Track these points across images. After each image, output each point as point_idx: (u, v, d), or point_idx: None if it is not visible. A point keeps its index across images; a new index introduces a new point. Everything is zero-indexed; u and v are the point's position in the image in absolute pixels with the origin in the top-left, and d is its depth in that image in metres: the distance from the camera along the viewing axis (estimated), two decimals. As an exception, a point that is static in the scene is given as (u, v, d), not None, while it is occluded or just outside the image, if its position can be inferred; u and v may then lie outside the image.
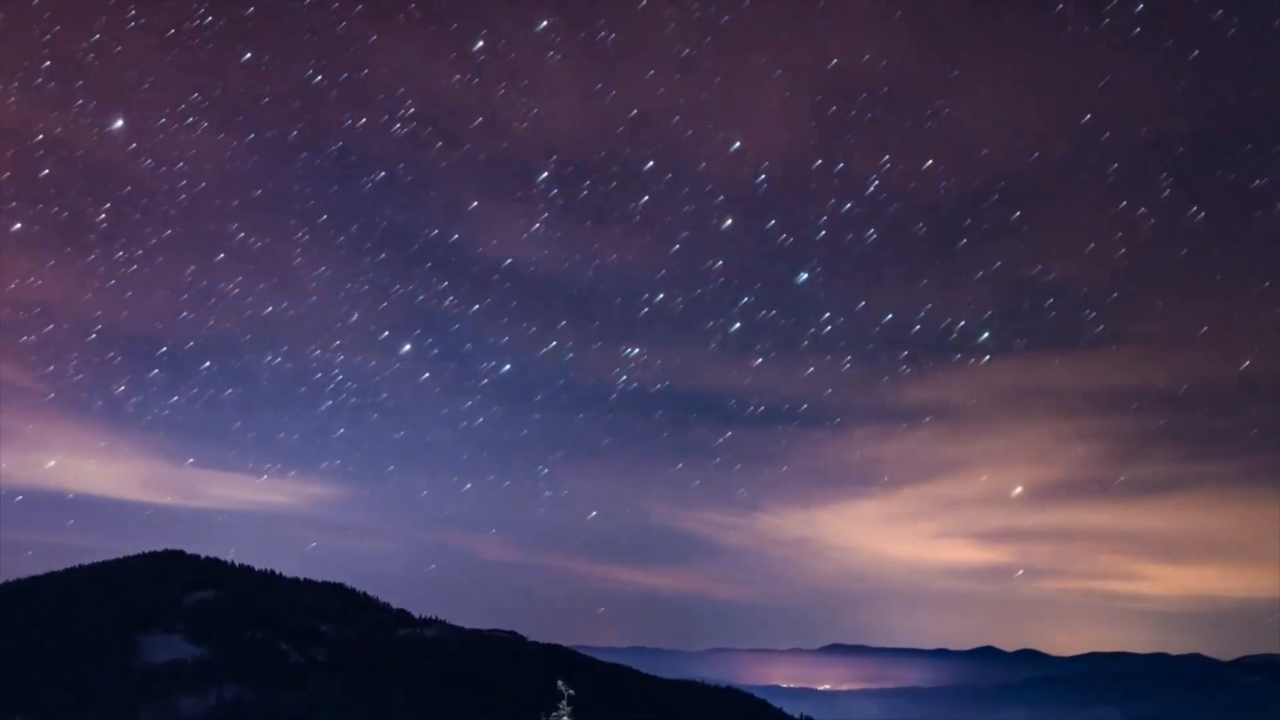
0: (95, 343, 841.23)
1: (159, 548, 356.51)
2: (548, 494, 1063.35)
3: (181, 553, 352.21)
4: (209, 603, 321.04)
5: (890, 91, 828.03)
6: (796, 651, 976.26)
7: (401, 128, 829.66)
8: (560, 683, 54.74)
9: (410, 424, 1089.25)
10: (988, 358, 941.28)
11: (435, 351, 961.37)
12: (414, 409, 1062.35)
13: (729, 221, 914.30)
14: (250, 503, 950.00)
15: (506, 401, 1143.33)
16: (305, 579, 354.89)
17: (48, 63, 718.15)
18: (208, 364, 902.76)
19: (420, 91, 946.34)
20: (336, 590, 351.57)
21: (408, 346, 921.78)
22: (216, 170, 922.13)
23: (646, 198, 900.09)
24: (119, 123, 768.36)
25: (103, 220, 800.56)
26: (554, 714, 54.54)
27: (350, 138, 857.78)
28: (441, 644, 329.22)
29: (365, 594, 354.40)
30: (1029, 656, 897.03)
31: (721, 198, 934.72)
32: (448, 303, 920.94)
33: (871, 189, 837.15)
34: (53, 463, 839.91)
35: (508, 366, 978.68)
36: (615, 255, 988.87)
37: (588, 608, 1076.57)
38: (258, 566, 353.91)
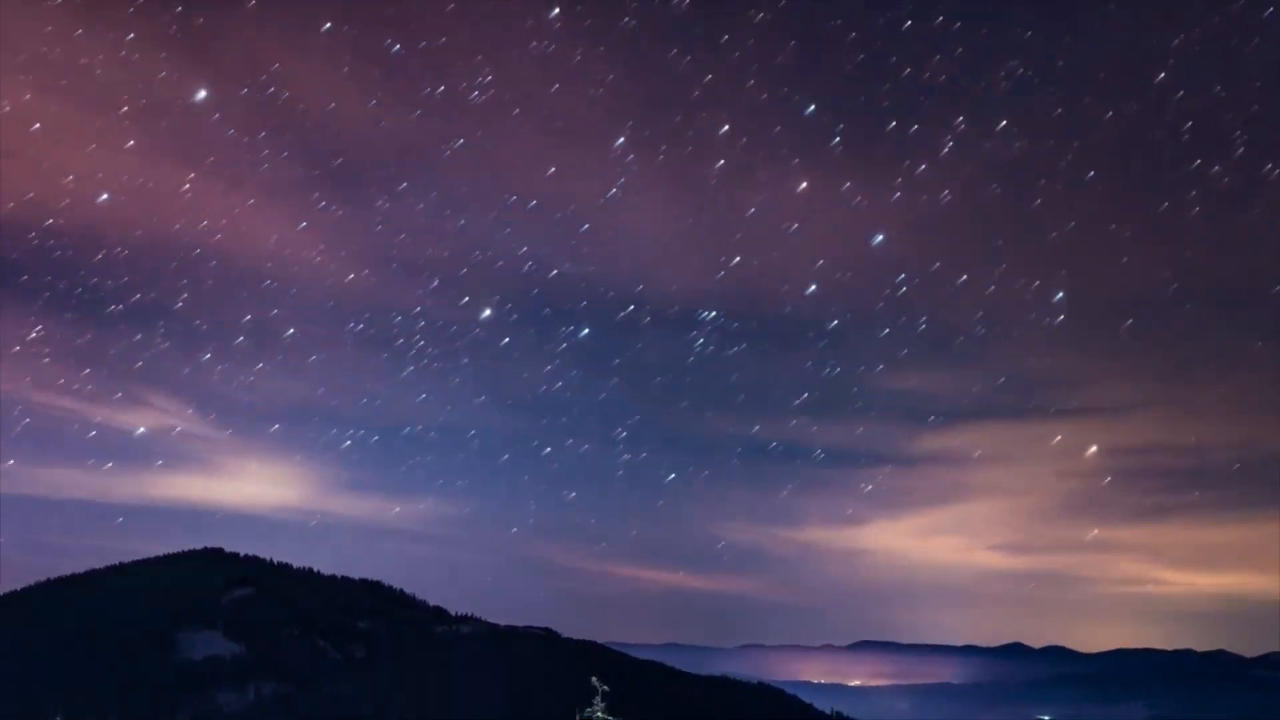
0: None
1: (198, 545, 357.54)
2: (625, 457, 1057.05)
3: (221, 550, 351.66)
4: (248, 600, 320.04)
5: (964, 53, 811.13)
6: (827, 648, 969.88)
7: (479, 95, 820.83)
8: (594, 679, 52.25)
9: (489, 388, 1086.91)
10: (1061, 317, 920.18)
11: (515, 317, 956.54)
12: (495, 373, 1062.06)
13: (803, 185, 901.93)
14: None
15: (585, 366, 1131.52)
16: (343, 576, 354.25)
17: (131, 34, 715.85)
18: (291, 331, 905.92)
19: (498, 59, 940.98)
20: (374, 588, 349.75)
21: (488, 312, 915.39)
22: (298, 140, 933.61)
23: (721, 161, 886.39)
24: (202, 93, 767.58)
25: (187, 190, 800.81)
26: (589, 709, 51.83)
27: (429, 105, 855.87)
28: (477, 640, 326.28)
29: (402, 591, 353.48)
30: (1057, 653, 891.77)
31: (796, 160, 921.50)
32: (527, 268, 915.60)
33: (945, 150, 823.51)
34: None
35: (586, 331, 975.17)
36: (691, 219, 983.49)
37: (624, 605, 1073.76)
38: (296, 564, 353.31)
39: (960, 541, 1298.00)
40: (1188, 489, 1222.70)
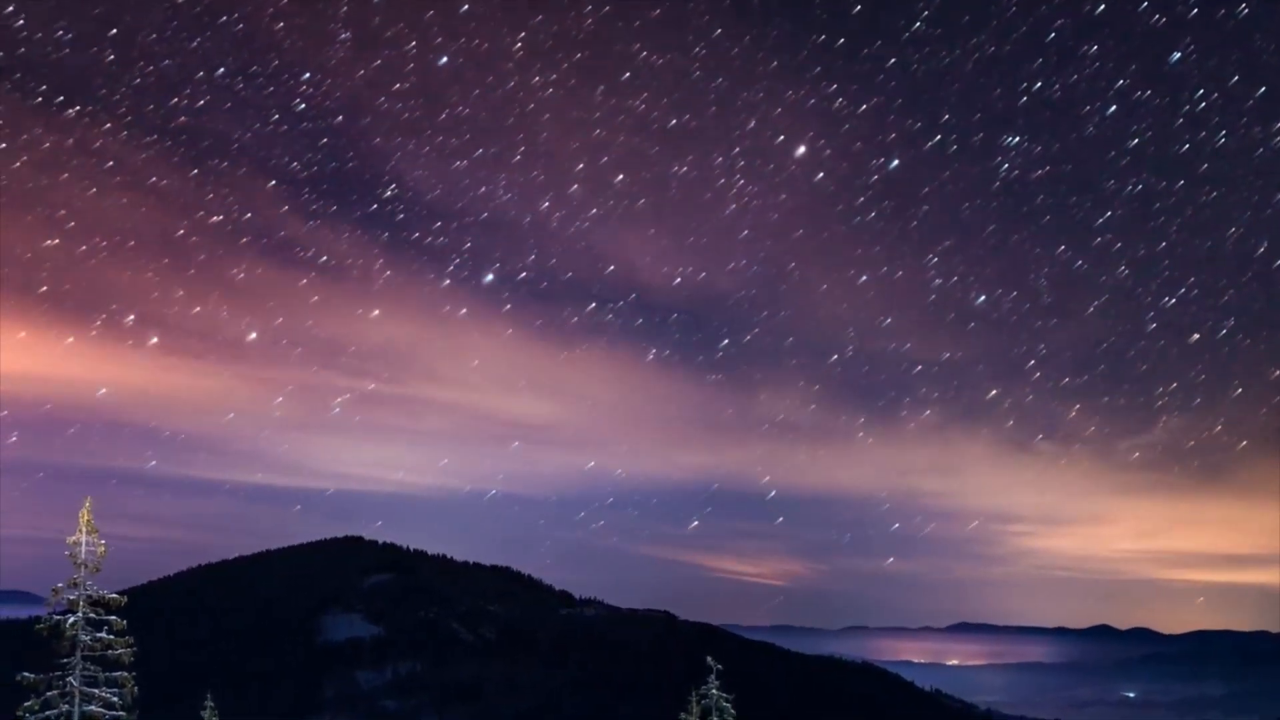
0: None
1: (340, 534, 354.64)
2: (937, 282, 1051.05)
3: (360, 538, 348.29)
4: (386, 585, 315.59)
5: None
6: (927, 630, 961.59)
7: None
8: (709, 658, 42.52)
9: (807, 222, 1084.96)
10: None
11: (828, 152, 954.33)
12: (811, 208, 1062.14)
13: (1101, 7, 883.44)
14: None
15: (897, 197, 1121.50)
16: (475, 562, 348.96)
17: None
18: (622, 177, 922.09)
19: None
20: (504, 573, 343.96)
21: (802, 149, 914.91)
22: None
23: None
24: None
25: (519, 48, 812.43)
26: (704, 687, 42.68)
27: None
28: (600, 623, 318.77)
29: (530, 576, 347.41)
30: (1141, 634, 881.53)
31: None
32: (837, 104, 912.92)
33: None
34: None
35: (896, 163, 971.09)
36: (993, 47, 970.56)
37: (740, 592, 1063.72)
38: (431, 551, 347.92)
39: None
40: None
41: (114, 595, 38.93)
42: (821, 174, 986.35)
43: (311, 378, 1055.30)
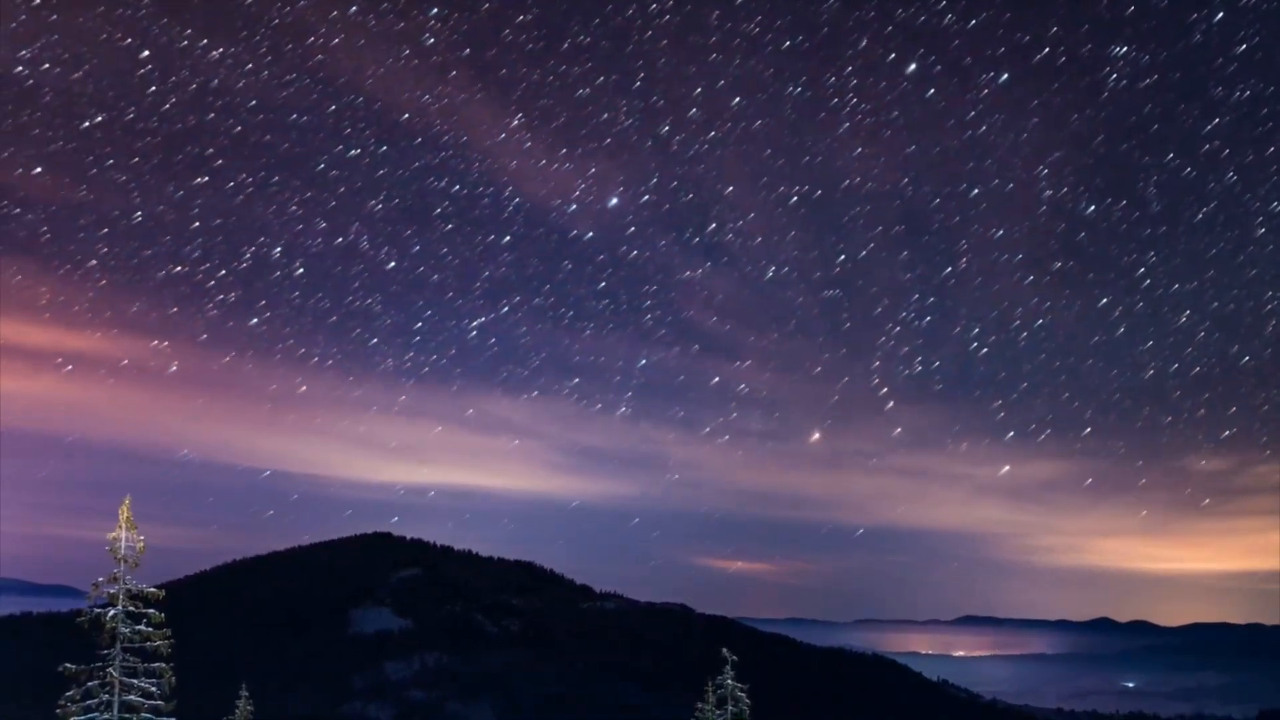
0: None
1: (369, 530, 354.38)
2: (1047, 193, 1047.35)
3: (389, 535, 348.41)
4: (414, 579, 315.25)
5: None
6: (934, 623, 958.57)
7: None
8: (725, 650, 42.36)
9: (919, 138, 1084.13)
10: None
11: (938, 69, 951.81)
12: (923, 123, 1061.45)
13: None
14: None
15: (1007, 110, 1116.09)
16: (499, 558, 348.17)
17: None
18: (738, 99, 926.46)
19: None
20: (526, 568, 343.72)
21: (913, 66, 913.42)
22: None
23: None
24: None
25: None
26: (719, 677, 42.52)
27: None
28: (619, 616, 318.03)
29: (552, 570, 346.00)
30: (1140, 627, 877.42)
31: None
32: (947, 20, 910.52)
33: None
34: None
35: (1005, 76, 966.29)
36: None
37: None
38: (457, 546, 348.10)
39: None
40: None
41: (152, 589, 39.00)
42: (932, 90, 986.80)
43: (448, 304, 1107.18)
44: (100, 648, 38.60)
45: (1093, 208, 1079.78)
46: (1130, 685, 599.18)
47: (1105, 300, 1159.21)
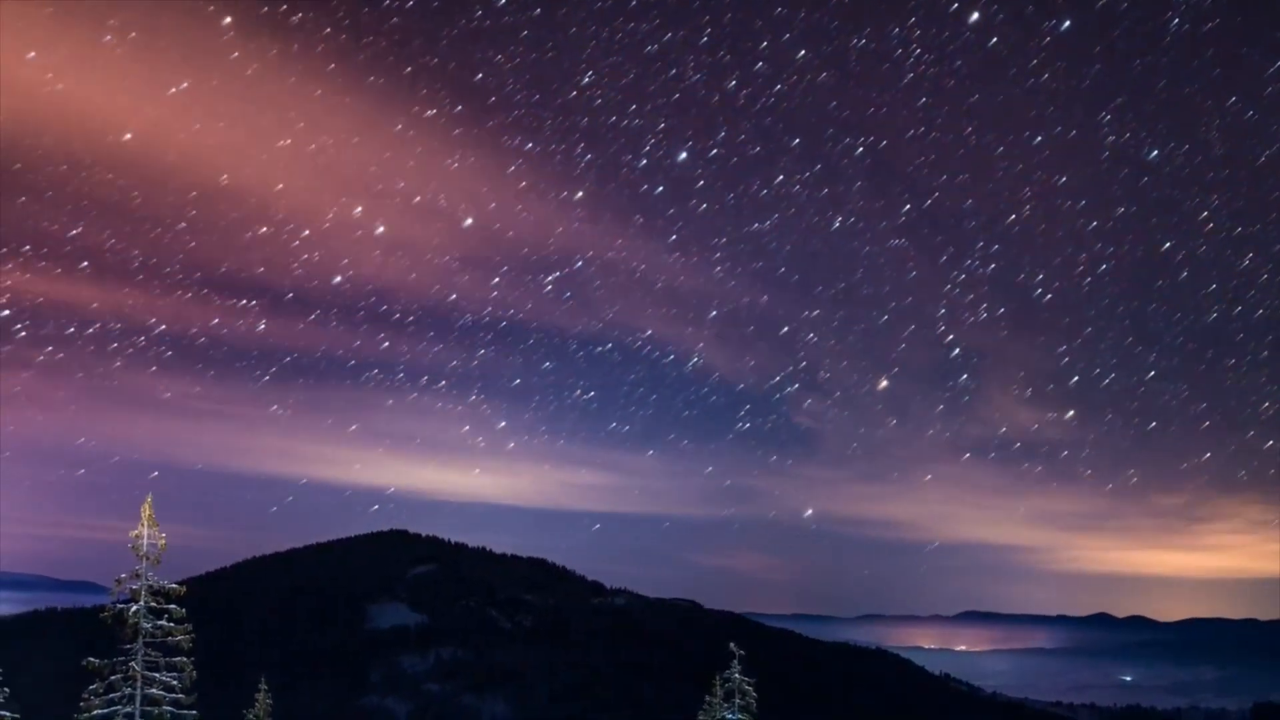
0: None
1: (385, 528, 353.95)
2: (1110, 139, 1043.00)
3: (405, 531, 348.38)
4: (429, 575, 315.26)
5: None
6: (936, 618, 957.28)
7: None
8: (732, 644, 42.34)
9: (982, 87, 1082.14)
10: None
11: (1000, 17, 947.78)
12: (986, 73, 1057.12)
13: None
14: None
15: (1069, 58, 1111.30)
16: (512, 554, 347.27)
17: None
18: (804, 53, 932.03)
19: None
20: (540, 564, 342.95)
21: (975, 15, 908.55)
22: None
23: None
24: None
25: None
26: (727, 671, 42.52)
27: None
28: (629, 611, 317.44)
29: (563, 567, 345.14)
30: (1138, 622, 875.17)
31: None
32: None
33: None
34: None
35: (1068, 23, 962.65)
36: None
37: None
38: (471, 544, 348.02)
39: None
40: None
41: (174, 585, 38.99)
42: (995, 39, 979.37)
43: (524, 259, 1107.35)
44: (123, 642, 38.67)
45: (1155, 152, 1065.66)
46: (1128, 679, 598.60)
47: (1168, 245, 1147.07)
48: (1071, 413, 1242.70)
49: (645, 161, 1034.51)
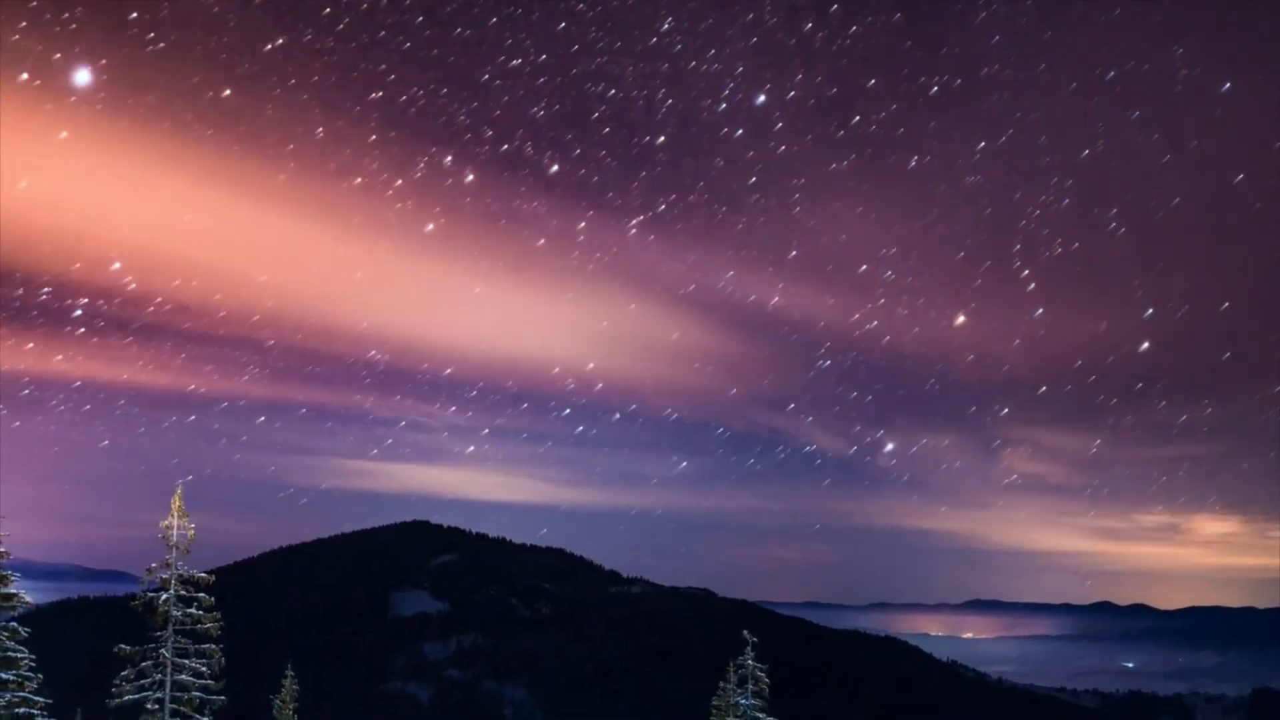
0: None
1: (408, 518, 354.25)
2: (1183, 73, 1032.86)
3: (427, 522, 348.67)
4: (451, 564, 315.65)
5: None
6: (943, 606, 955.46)
7: None
8: (745, 632, 42.23)
9: (1057, 21, 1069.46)
10: None
11: None
12: (1059, 8, 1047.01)
13: None
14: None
15: None
16: (531, 544, 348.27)
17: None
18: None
19: None
20: (558, 554, 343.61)
21: None
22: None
23: None
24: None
25: None
26: (740, 658, 42.48)
27: None
28: (645, 599, 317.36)
29: (581, 557, 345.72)
30: (1140, 610, 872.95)
31: None
32: None
33: None
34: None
35: None
36: None
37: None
38: (492, 534, 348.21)
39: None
40: None
41: (203, 574, 39.02)
42: None
43: (607, 205, 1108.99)
44: (153, 630, 38.67)
45: (1228, 84, 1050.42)
46: (1130, 665, 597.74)
47: (1241, 177, 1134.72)
48: (1146, 344, 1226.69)
49: (724, 106, 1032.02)
